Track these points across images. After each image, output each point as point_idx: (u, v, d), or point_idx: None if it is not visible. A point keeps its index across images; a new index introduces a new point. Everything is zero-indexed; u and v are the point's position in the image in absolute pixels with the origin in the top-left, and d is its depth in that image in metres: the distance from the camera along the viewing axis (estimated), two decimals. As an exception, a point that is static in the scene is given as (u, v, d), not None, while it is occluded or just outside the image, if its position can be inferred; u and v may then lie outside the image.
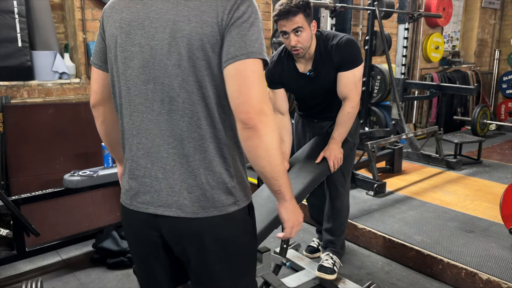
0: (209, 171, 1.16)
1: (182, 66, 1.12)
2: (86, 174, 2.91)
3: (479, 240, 2.89)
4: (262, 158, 1.12)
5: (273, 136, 1.11)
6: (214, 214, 1.17)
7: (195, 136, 1.15)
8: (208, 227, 1.18)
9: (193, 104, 1.14)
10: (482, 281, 2.47)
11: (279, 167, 1.14)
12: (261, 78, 1.10)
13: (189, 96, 1.13)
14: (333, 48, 2.20)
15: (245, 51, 1.08)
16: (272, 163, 1.13)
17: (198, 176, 1.16)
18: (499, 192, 3.50)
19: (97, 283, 2.64)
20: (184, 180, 1.17)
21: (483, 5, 7.19)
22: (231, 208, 1.19)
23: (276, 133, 1.12)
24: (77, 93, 3.48)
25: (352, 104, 2.25)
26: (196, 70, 1.12)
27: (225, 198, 1.18)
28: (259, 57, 1.10)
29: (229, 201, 1.19)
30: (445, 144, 4.88)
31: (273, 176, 1.15)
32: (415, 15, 4.68)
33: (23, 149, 3.16)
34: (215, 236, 1.19)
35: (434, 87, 5.00)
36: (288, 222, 1.27)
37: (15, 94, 3.21)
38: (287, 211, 1.25)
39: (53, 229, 3.05)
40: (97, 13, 3.50)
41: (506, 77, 7.45)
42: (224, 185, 1.18)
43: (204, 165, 1.16)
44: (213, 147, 1.16)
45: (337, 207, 2.54)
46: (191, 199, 1.17)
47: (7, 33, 3.12)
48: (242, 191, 1.22)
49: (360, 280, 2.64)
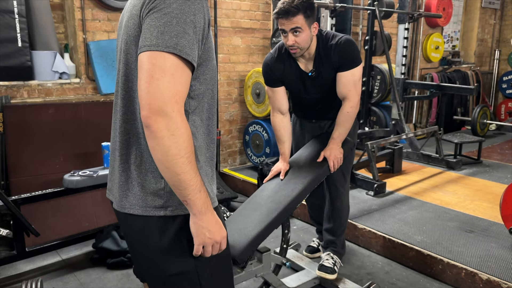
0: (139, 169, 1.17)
1: (121, 62, 1.18)
2: (86, 174, 2.91)
3: (479, 240, 2.89)
4: (159, 161, 1.03)
5: (176, 141, 1.00)
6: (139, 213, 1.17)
7: (134, 132, 1.18)
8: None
9: (130, 101, 1.16)
10: (482, 281, 2.46)
11: (180, 176, 1.03)
12: (166, 73, 0.99)
13: (127, 93, 1.17)
14: (332, 48, 2.20)
15: (148, 43, 1.01)
16: (171, 169, 1.02)
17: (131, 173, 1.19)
18: (499, 192, 3.50)
19: (97, 283, 2.64)
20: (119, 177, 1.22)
21: (483, 5, 7.19)
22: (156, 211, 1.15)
23: (183, 138, 1.01)
24: (77, 93, 3.48)
25: (352, 104, 2.25)
26: (126, 66, 1.16)
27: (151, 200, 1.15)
28: (165, 50, 0.99)
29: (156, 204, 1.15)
30: (445, 144, 4.88)
31: (174, 184, 1.05)
32: (415, 15, 4.68)
33: (23, 149, 3.16)
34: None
35: (434, 87, 5.00)
36: (196, 238, 1.12)
37: (15, 94, 3.21)
38: (195, 226, 1.11)
39: (53, 229, 3.05)
40: (97, 13, 3.49)
41: (506, 77, 7.44)
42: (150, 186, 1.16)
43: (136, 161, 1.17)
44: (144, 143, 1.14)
45: (338, 207, 2.54)
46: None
47: (7, 33, 3.12)
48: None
49: (360, 280, 2.64)
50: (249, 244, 1.86)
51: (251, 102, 4.51)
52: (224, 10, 4.27)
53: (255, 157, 4.55)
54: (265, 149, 4.40)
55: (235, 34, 4.44)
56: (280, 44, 2.33)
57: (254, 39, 4.62)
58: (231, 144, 4.70)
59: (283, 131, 2.40)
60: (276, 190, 2.20)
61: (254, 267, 2.06)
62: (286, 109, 2.39)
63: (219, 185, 3.76)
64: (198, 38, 1.06)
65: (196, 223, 1.10)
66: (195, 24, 1.05)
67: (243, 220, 2.02)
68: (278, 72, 2.31)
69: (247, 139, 4.63)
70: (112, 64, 3.51)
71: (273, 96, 2.36)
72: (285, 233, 2.26)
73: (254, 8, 4.55)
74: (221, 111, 4.48)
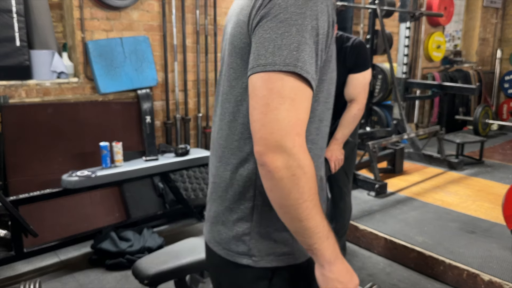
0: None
1: (224, 77, 0.99)
2: (85, 175, 2.89)
3: (480, 241, 2.86)
4: (278, 206, 0.87)
5: (298, 182, 0.82)
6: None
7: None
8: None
9: (225, 125, 1.00)
10: (484, 282, 2.44)
11: (304, 222, 0.85)
12: (285, 99, 0.81)
13: (223, 114, 1.01)
14: (347, 50, 2.23)
15: (262, 61, 0.82)
16: (293, 215, 0.85)
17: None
18: (501, 193, 3.47)
19: (95, 284, 2.62)
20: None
21: (485, 4, 7.16)
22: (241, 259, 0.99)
23: (306, 178, 0.83)
24: (75, 93, 3.46)
25: (359, 106, 2.26)
26: (228, 84, 0.97)
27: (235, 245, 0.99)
28: (283, 69, 0.80)
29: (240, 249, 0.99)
30: (447, 144, 4.86)
31: (297, 231, 0.88)
32: (417, 14, 4.65)
33: (21, 149, 3.14)
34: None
35: (436, 86, 4.97)
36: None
37: (13, 93, 3.19)
38: (324, 279, 0.92)
39: (51, 229, 3.04)
40: (96, 12, 3.47)
41: (508, 76, 7.41)
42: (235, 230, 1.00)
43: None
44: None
45: (341, 208, 2.53)
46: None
47: (5, 32, 3.10)
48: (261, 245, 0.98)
49: (361, 281, 2.61)
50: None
51: (251, 102, 4.49)
52: (224, 8, 4.25)
53: (255, 157, 4.53)
54: (265, 149, 4.38)
55: (235, 33, 4.41)
56: None
57: (254, 39, 4.59)
58: (231, 144, 4.68)
59: None
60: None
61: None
62: None
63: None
64: (320, 47, 0.87)
65: (324, 275, 0.92)
66: (318, 30, 0.85)
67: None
68: None
69: (247, 139, 4.60)
70: (111, 63, 3.49)
71: None
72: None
73: (254, 7, 4.53)
74: (221, 111, 4.46)
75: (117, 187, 3.42)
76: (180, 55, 3.96)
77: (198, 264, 1.84)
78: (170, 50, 3.87)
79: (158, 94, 3.90)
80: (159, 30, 3.80)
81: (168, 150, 3.60)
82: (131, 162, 3.27)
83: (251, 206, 0.97)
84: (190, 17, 3.98)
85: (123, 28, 3.61)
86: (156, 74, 3.75)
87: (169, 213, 3.54)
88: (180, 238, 2.15)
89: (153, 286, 1.80)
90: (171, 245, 2.01)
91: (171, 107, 3.98)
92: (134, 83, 3.59)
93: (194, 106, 4.19)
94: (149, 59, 3.68)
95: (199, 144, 4.24)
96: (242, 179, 0.97)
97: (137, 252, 2.86)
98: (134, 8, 3.63)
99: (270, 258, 0.98)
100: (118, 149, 3.13)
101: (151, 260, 1.85)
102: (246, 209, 0.97)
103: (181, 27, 3.90)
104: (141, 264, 1.83)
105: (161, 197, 3.61)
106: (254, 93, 0.83)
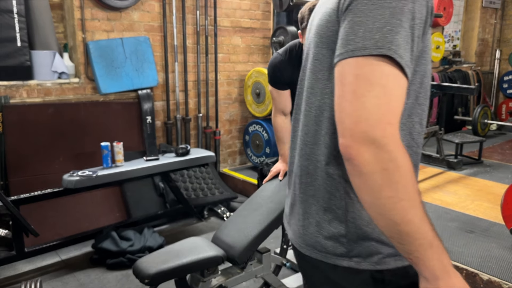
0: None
1: (308, 70, 0.95)
2: (85, 175, 2.91)
3: (479, 241, 2.87)
4: (369, 206, 0.77)
5: (391, 178, 0.72)
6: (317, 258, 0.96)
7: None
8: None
9: (311, 120, 0.95)
10: (482, 281, 2.45)
11: (400, 226, 0.74)
12: (375, 86, 0.72)
13: (310, 109, 0.96)
14: None
15: (351, 47, 0.74)
16: (387, 217, 0.75)
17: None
18: (500, 192, 3.48)
19: (96, 284, 2.63)
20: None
21: (484, 4, 7.18)
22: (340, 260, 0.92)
23: (400, 173, 0.72)
24: (76, 93, 3.47)
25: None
26: (313, 76, 0.93)
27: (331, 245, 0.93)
28: (374, 53, 0.72)
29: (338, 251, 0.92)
30: (446, 144, 4.87)
31: (393, 236, 0.77)
32: (416, 15, 4.65)
33: (22, 149, 3.15)
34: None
35: (435, 86, 4.98)
36: None
37: (14, 94, 3.20)
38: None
39: (52, 229, 3.05)
40: (97, 12, 3.49)
41: (507, 76, 7.43)
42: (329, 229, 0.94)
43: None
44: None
45: None
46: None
47: (6, 33, 3.11)
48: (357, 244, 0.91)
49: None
50: (249, 245, 1.86)
51: (251, 102, 4.50)
52: (224, 9, 4.26)
53: (255, 157, 4.54)
54: (265, 149, 4.39)
55: (235, 33, 4.43)
56: (290, 46, 2.26)
57: (254, 39, 4.60)
58: (231, 144, 4.69)
59: (285, 132, 2.38)
60: (276, 190, 2.19)
61: (254, 268, 2.06)
62: (289, 111, 2.36)
63: (219, 185, 3.75)
64: (417, 33, 0.77)
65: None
66: (415, 14, 0.76)
67: (243, 221, 2.01)
68: (287, 75, 2.23)
69: (247, 139, 4.62)
70: (112, 64, 3.50)
71: (278, 98, 2.31)
72: (285, 233, 2.25)
73: (254, 7, 4.54)
74: (220, 111, 4.48)
75: (118, 187, 3.43)
76: (181, 56, 3.98)
77: (198, 264, 1.85)
78: (170, 51, 3.89)
79: (159, 94, 3.92)
80: (159, 30, 3.82)
81: (169, 150, 3.61)
82: (132, 162, 3.28)
83: (343, 205, 0.90)
84: (190, 18, 4.00)
85: (123, 29, 3.62)
86: (156, 74, 3.76)
87: (169, 212, 3.55)
88: (180, 238, 2.16)
89: (154, 285, 1.81)
90: (172, 244, 2.02)
91: (172, 107, 4.00)
92: (134, 84, 3.60)
93: (195, 106, 4.20)
94: (150, 60, 3.69)
95: (200, 144, 4.26)
96: (332, 176, 0.90)
97: (138, 251, 2.88)
98: (134, 9, 3.65)
99: (373, 259, 0.89)
100: (119, 149, 3.14)
101: (152, 260, 1.86)
102: (339, 209, 0.91)
103: (181, 27, 3.92)
104: (141, 264, 1.83)
105: (162, 196, 3.62)
106: (340, 80, 0.76)
